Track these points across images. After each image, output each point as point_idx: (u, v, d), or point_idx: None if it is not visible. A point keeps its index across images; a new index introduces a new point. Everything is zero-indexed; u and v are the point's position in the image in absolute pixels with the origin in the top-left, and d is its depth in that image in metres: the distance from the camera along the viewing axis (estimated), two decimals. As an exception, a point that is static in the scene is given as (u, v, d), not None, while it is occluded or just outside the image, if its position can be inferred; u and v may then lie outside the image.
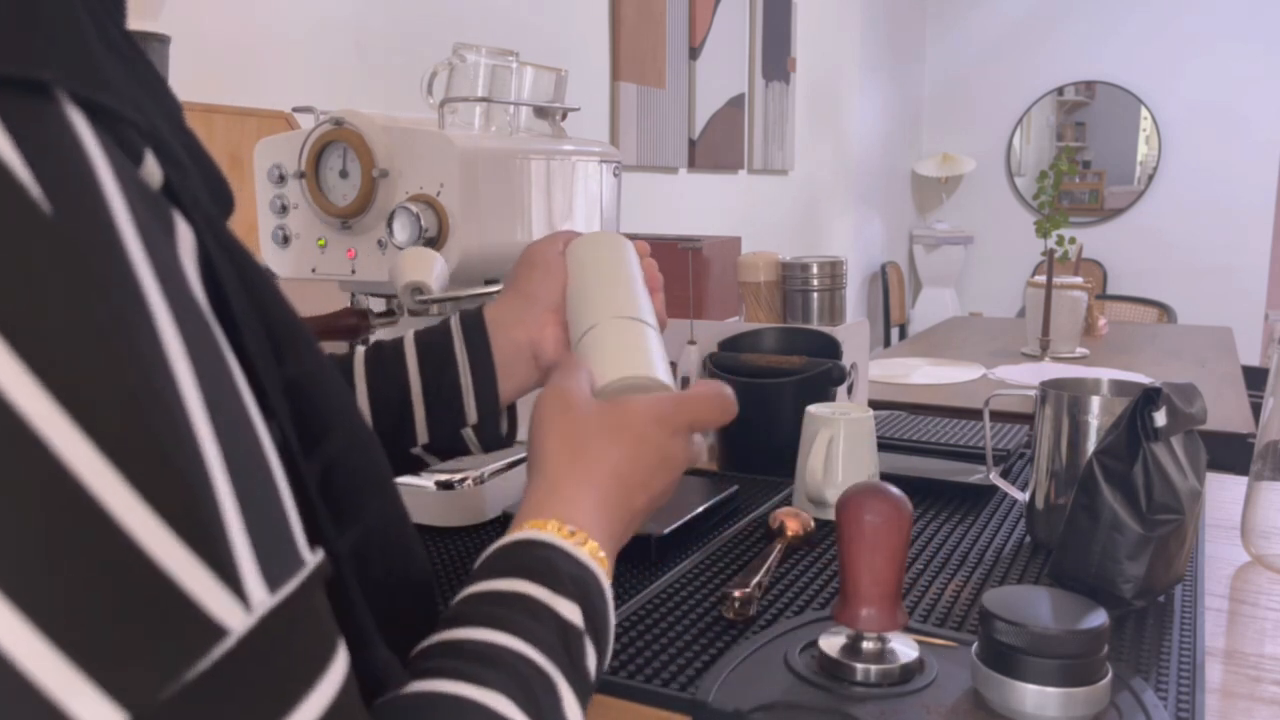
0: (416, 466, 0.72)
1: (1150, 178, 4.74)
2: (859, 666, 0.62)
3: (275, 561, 0.28)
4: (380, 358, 0.69)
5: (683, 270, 1.37)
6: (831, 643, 0.64)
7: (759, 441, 1.12)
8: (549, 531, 0.48)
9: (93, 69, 0.27)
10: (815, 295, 1.29)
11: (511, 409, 0.74)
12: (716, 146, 2.92)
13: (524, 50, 1.04)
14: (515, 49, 1.00)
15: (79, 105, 0.26)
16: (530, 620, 0.43)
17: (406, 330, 0.72)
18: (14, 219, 0.23)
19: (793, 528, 0.89)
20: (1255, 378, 2.15)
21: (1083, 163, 4.86)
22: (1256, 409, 1.30)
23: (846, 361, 1.15)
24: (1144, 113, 4.72)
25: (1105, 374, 1.80)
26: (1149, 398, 0.75)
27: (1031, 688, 0.56)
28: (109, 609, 0.24)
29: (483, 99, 0.95)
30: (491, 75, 0.97)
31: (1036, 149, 5.00)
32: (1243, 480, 0.95)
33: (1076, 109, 4.90)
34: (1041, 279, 2.28)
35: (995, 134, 5.04)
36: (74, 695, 0.23)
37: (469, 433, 0.70)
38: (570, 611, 0.44)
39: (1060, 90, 4.89)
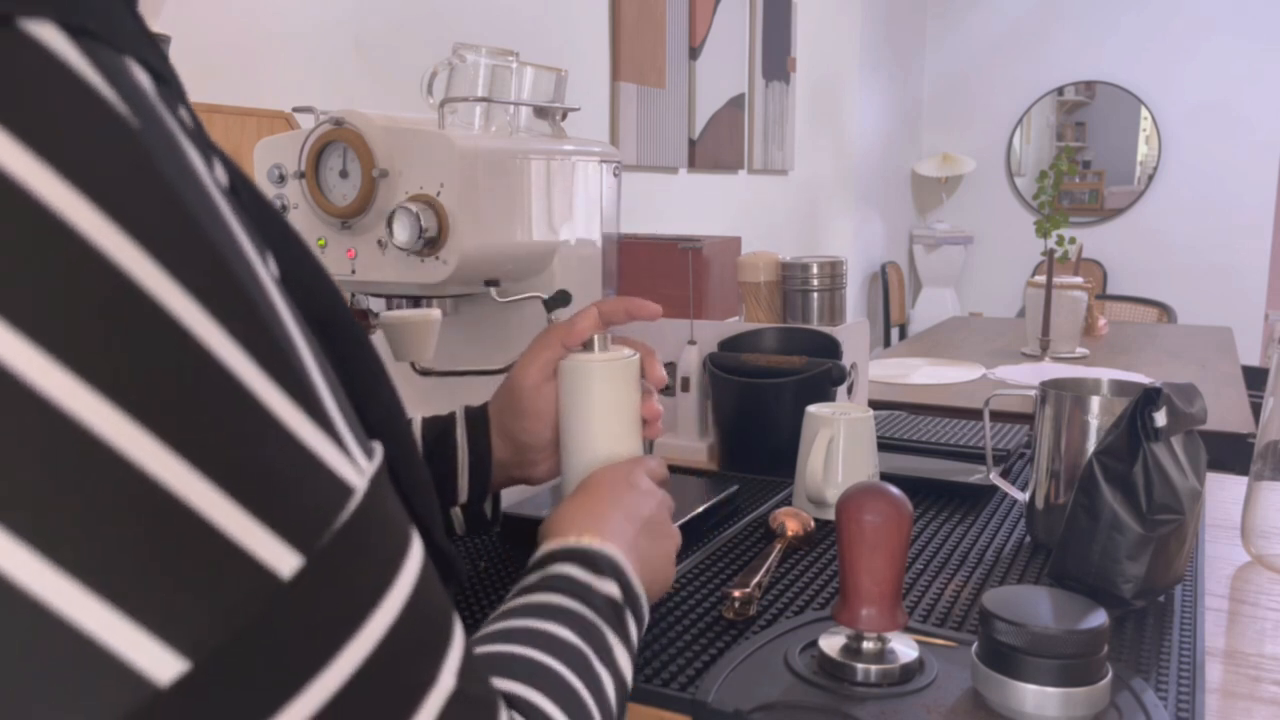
0: None
1: (1150, 178, 4.74)
2: (859, 666, 0.62)
3: (360, 440, 0.31)
4: None
5: (683, 270, 1.37)
6: (831, 643, 0.64)
7: (759, 441, 1.12)
8: (577, 539, 0.56)
9: (138, 29, 0.30)
10: (815, 295, 1.29)
11: (496, 495, 0.81)
12: (716, 146, 2.92)
13: (524, 50, 1.04)
14: (515, 49, 1.00)
15: (134, 58, 0.28)
16: (578, 588, 0.51)
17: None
18: (110, 132, 0.26)
19: (793, 528, 0.89)
20: (1255, 378, 2.15)
21: (1083, 163, 4.86)
22: (1256, 409, 1.30)
23: (846, 361, 1.15)
24: (1144, 113, 4.72)
25: (1105, 374, 1.80)
26: (1149, 398, 0.75)
27: (1031, 688, 0.56)
28: (267, 464, 0.27)
29: (483, 99, 0.95)
30: (491, 75, 0.96)
31: (1036, 149, 5.00)
32: (1243, 480, 0.95)
33: (1076, 109, 4.90)
34: (1041, 279, 2.28)
35: (995, 134, 5.04)
36: (247, 535, 0.26)
37: (456, 512, 0.77)
38: (610, 588, 0.53)
39: (1060, 90, 4.89)
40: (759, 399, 1.11)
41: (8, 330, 0.23)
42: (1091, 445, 0.84)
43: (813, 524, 0.90)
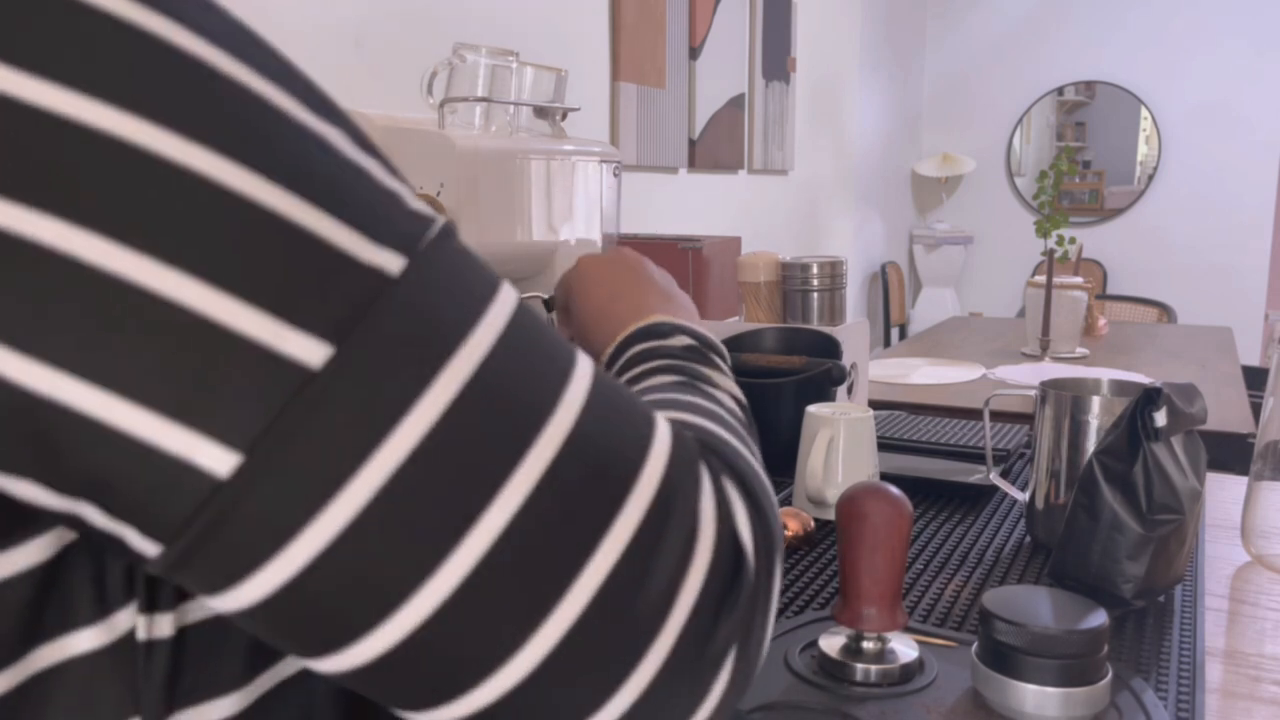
0: None
1: (1150, 178, 4.74)
2: (859, 666, 0.62)
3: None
4: None
5: (683, 270, 1.37)
6: (831, 643, 0.64)
7: (759, 441, 1.11)
8: (637, 323, 0.55)
9: None
10: (815, 295, 1.29)
11: None
12: (716, 146, 2.92)
13: (524, 50, 1.04)
14: (515, 49, 1.00)
15: None
16: (657, 351, 0.51)
17: None
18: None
19: (793, 528, 0.89)
20: (1255, 378, 2.15)
21: (1083, 163, 4.86)
22: (1256, 409, 1.30)
23: (846, 361, 1.15)
24: (1144, 113, 4.72)
25: (1105, 374, 1.80)
26: (1149, 398, 0.75)
27: (1031, 688, 0.56)
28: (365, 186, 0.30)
29: (483, 99, 0.95)
30: (491, 75, 0.96)
31: (1036, 149, 5.00)
32: (1243, 480, 0.95)
33: (1076, 109, 4.90)
34: (1041, 279, 2.28)
35: (995, 134, 5.04)
36: (339, 237, 0.28)
37: None
38: (680, 340, 0.52)
39: (1060, 90, 4.89)
40: (759, 399, 1.11)
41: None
42: (1091, 445, 0.84)
43: (813, 524, 0.90)
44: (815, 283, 1.29)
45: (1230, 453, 1.50)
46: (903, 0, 4.72)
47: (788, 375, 1.12)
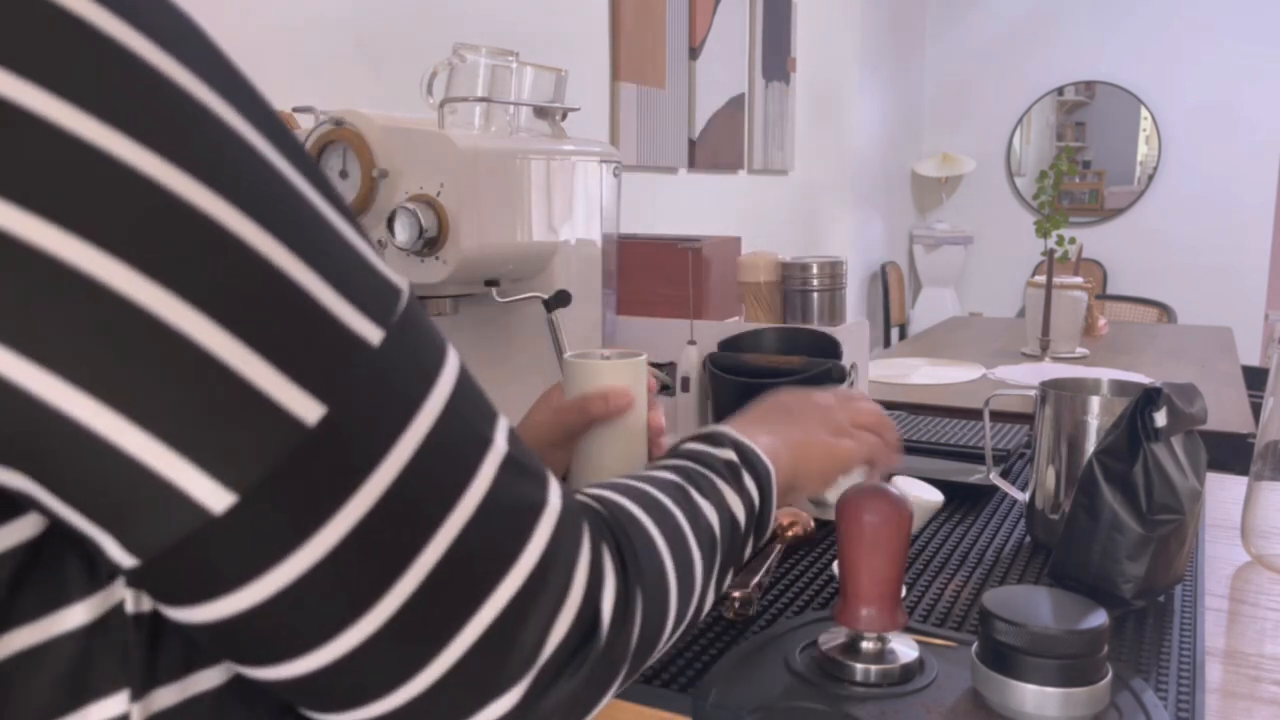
0: None
1: (1150, 178, 4.74)
2: (859, 666, 0.62)
3: (380, 295, 0.35)
4: None
5: (683, 270, 1.37)
6: (831, 643, 0.64)
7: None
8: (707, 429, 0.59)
9: None
10: (815, 295, 1.29)
11: None
12: (716, 146, 2.92)
13: (524, 50, 1.04)
14: (515, 49, 1.00)
15: None
16: (690, 454, 0.55)
17: None
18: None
19: (793, 528, 0.89)
20: (1255, 378, 2.15)
21: (1083, 163, 4.86)
22: (1256, 409, 1.30)
23: (846, 361, 1.15)
24: (1144, 113, 4.71)
25: (1105, 374, 1.80)
26: (1149, 398, 0.75)
27: (1031, 688, 0.56)
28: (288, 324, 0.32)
29: (483, 99, 0.95)
30: (491, 75, 0.96)
31: (1036, 149, 5.00)
32: (1243, 480, 0.95)
33: (1076, 109, 4.90)
34: (1041, 279, 2.28)
35: (995, 134, 5.04)
36: (344, 308, 0.32)
37: None
38: (726, 454, 0.55)
39: (1060, 90, 4.89)
40: (759, 399, 1.11)
41: (78, 240, 0.28)
42: (1091, 445, 0.84)
43: (813, 524, 0.90)
44: (815, 283, 1.29)
45: (1230, 453, 1.50)
46: (903, 0, 4.72)
47: (788, 375, 1.12)
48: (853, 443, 0.66)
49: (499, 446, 0.38)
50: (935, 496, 0.89)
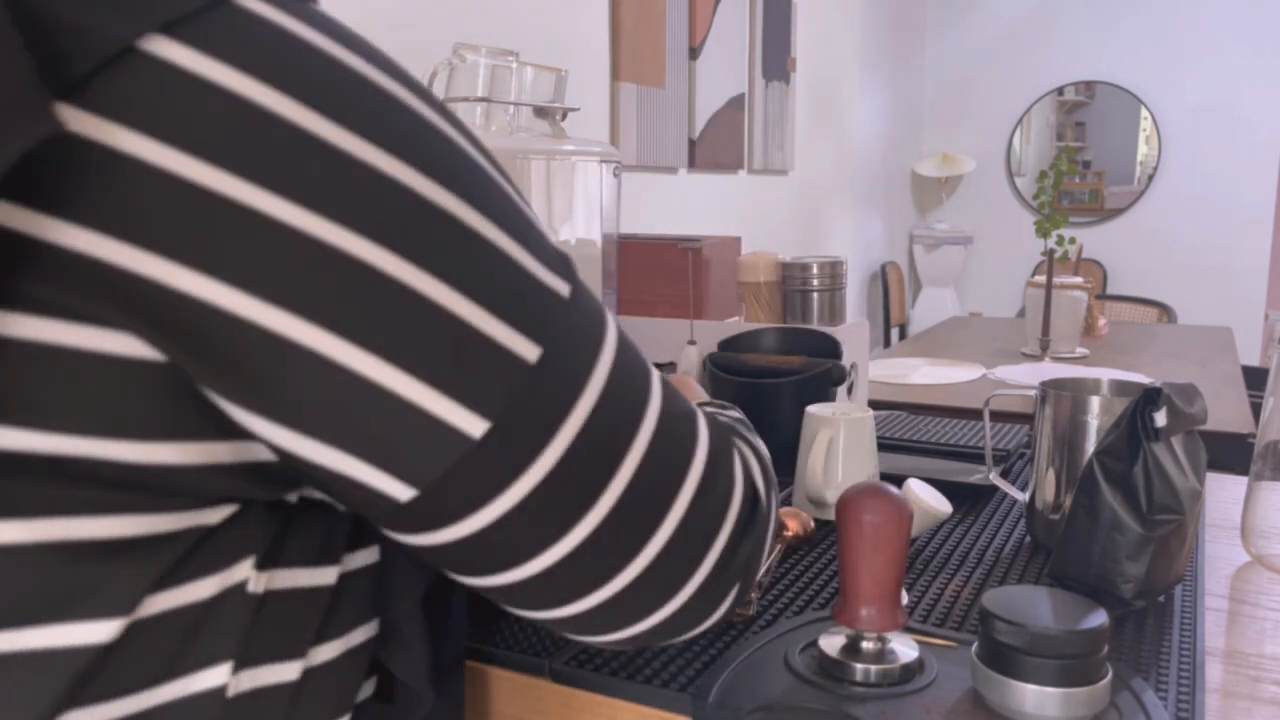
0: None
1: (1150, 178, 4.74)
2: (859, 666, 0.62)
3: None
4: None
5: (683, 270, 1.37)
6: (831, 643, 0.64)
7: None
8: None
9: None
10: (815, 295, 1.29)
11: None
12: (716, 146, 2.92)
13: (524, 50, 1.04)
14: (515, 49, 1.00)
15: None
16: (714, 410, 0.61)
17: None
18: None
19: (793, 528, 0.89)
20: (1255, 378, 2.15)
21: (1083, 163, 4.86)
22: (1256, 409, 1.30)
23: (846, 361, 1.15)
24: (1144, 113, 4.72)
25: (1105, 374, 1.80)
26: (1149, 398, 0.75)
27: (1031, 688, 0.56)
28: (509, 289, 0.39)
29: (483, 99, 0.95)
30: (491, 75, 0.97)
31: (1036, 149, 5.00)
32: (1243, 480, 0.95)
33: (1076, 109, 4.90)
34: (1041, 279, 2.28)
35: (995, 134, 5.04)
36: (501, 333, 0.38)
37: None
38: (733, 411, 0.62)
39: (1060, 90, 4.89)
40: (759, 399, 1.11)
41: (342, 229, 0.34)
42: (1091, 445, 0.84)
43: (813, 524, 0.90)
44: (815, 283, 1.29)
45: (1230, 453, 1.50)
46: (903, 0, 4.72)
47: (788, 375, 1.12)
48: None
49: (654, 372, 0.45)
50: (944, 506, 0.89)
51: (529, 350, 0.38)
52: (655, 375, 0.45)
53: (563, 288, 0.41)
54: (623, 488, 0.42)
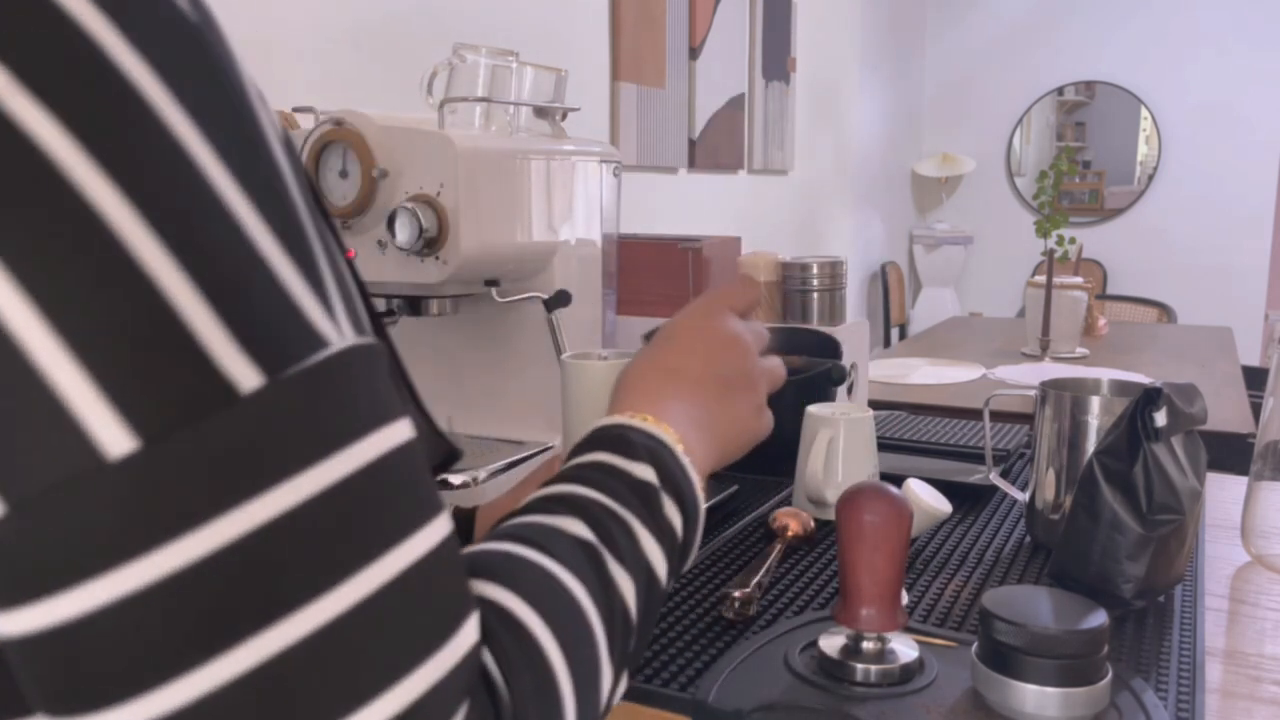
0: None
1: (1150, 178, 4.74)
2: (859, 666, 0.62)
3: (355, 321, 0.32)
4: None
5: (683, 270, 1.37)
6: (831, 643, 0.64)
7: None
8: (622, 417, 0.50)
9: None
10: (815, 295, 1.29)
11: None
12: (716, 146, 2.92)
13: (524, 50, 1.04)
14: (515, 49, 1.00)
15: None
16: (604, 476, 0.45)
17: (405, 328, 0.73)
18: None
19: (793, 528, 0.89)
20: (1255, 378, 2.15)
21: (1083, 163, 4.86)
22: (1256, 409, 1.30)
23: (846, 361, 1.15)
24: (1144, 113, 4.72)
25: (1105, 374, 1.80)
26: (1149, 398, 0.75)
27: (1031, 688, 0.56)
28: (247, 289, 0.28)
29: (483, 99, 0.95)
30: (491, 75, 0.97)
31: (1036, 149, 5.00)
32: (1243, 480, 0.95)
33: (1076, 109, 4.90)
34: (1041, 279, 2.28)
35: (995, 134, 5.04)
36: (214, 341, 0.27)
37: None
38: (644, 472, 0.46)
39: (1060, 90, 4.89)
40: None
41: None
42: (1091, 445, 0.84)
43: (813, 524, 0.90)
44: (815, 283, 1.29)
45: (1230, 453, 1.50)
46: (903, 0, 4.72)
47: (788, 375, 1.12)
48: (768, 419, 0.60)
49: (438, 525, 0.33)
50: (944, 506, 0.89)
51: (245, 376, 0.27)
52: (437, 528, 0.32)
53: (336, 339, 0.30)
54: (297, 637, 0.28)
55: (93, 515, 0.26)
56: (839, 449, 0.95)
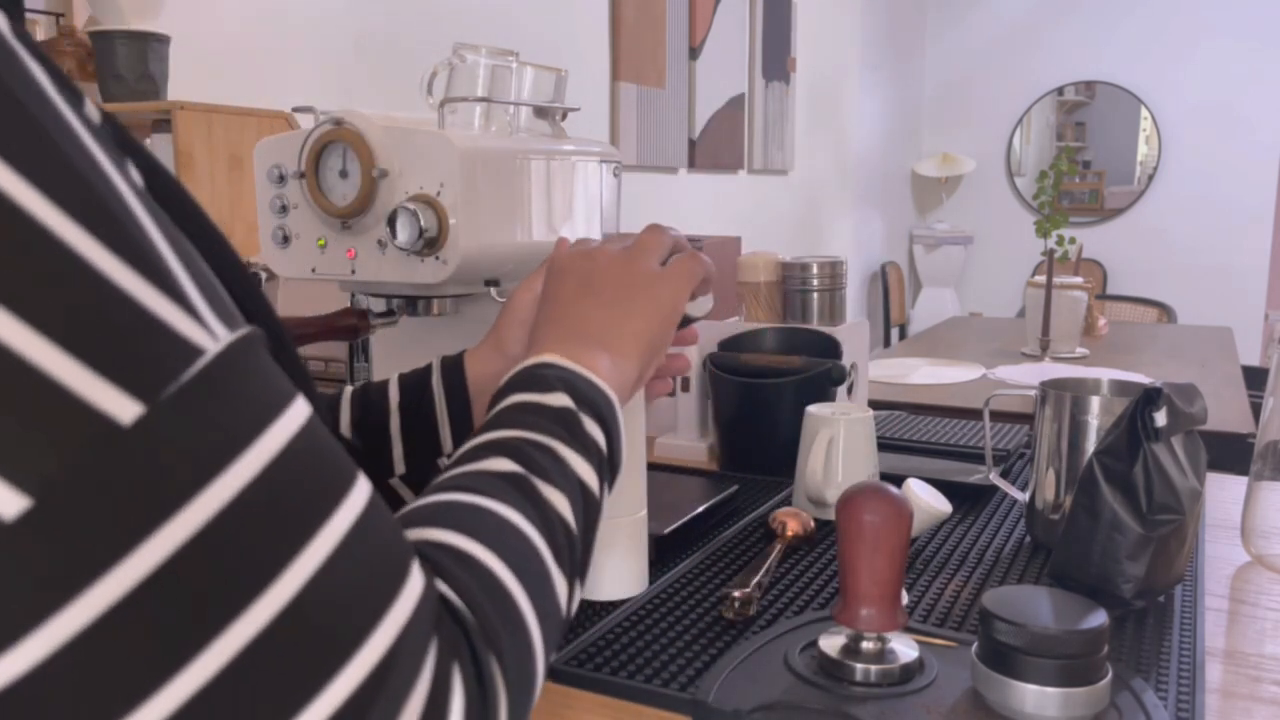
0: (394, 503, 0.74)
1: (1150, 178, 4.74)
2: (859, 666, 0.62)
3: (224, 316, 0.31)
4: (366, 394, 0.75)
5: (683, 270, 1.36)
6: (831, 643, 0.64)
7: (759, 441, 1.12)
8: (530, 360, 0.53)
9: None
10: (815, 295, 1.29)
11: None
12: (716, 146, 2.92)
13: (524, 50, 1.04)
14: (515, 49, 1.00)
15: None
16: (520, 414, 0.48)
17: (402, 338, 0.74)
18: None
19: (793, 528, 0.89)
20: (1255, 378, 2.15)
21: (1083, 163, 4.86)
22: (1256, 409, 1.30)
23: (846, 361, 1.15)
24: (1144, 113, 4.72)
25: (1105, 374, 1.80)
26: (1149, 398, 0.75)
27: (1031, 688, 0.56)
28: (100, 319, 0.27)
29: (483, 99, 0.95)
30: (491, 75, 0.97)
31: (1036, 149, 5.00)
32: (1243, 480, 0.95)
33: (1076, 109, 4.90)
34: (1041, 279, 2.28)
35: (995, 134, 5.04)
36: (82, 382, 0.26)
37: (444, 462, 0.73)
38: (559, 400, 0.49)
39: (1060, 90, 4.89)
40: (759, 399, 1.11)
41: None
42: (1091, 445, 0.84)
43: (813, 524, 0.90)
44: (815, 283, 1.29)
45: (1230, 453, 1.50)
46: (903, 0, 4.72)
47: (788, 375, 1.12)
48: (672, 283, 0.62)
49: (357, 490, 0.32)
50: (944, 506, 0.89)
51: (123, 408, 0.26)
52: (358, 492, 0.32)
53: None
54: (255, 632, 0.28)
55: (2, 580, 0.25)
56: (839, 449, 0.95)
